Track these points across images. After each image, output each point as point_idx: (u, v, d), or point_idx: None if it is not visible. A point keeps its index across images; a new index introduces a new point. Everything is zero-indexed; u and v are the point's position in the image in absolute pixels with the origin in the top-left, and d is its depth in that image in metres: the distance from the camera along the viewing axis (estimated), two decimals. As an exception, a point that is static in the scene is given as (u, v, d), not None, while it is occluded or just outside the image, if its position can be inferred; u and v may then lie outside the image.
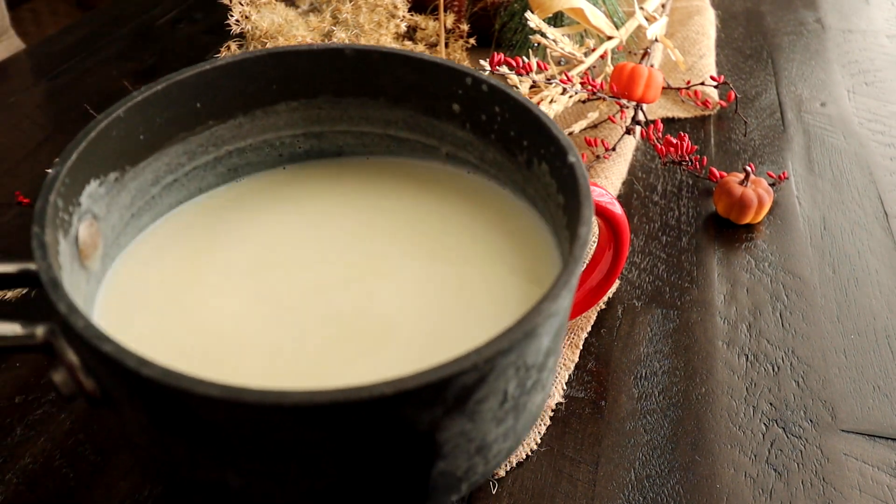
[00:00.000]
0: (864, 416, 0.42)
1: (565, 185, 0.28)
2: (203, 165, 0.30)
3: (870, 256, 0.53)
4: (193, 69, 0.30)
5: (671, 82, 0.71)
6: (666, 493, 0.39)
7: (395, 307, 0.25)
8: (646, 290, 0.51)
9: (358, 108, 0.32)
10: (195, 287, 0.25)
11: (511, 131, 0.32)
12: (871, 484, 0.39)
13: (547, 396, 0.28)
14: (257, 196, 0.28)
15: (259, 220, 0.27)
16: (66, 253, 0.26)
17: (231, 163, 0.31)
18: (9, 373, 0.47)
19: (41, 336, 0.24)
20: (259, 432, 0.21)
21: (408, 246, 0.27)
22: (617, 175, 0.61)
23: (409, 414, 0.22)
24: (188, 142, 0.30)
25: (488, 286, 0.26)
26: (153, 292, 0.26)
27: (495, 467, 0.27)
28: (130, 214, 0.29)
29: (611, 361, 0.46)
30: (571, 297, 0.25)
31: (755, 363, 0.46)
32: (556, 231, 0.30)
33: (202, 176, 0.30)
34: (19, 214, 0.61)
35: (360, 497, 0.24)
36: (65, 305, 0.22)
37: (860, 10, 0.92)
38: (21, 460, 0.42)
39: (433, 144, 0.33)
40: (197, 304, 0.25)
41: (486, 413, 0.24)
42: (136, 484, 0.40)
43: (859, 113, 0.70)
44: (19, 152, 0.70)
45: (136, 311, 0.25)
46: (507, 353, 0.22)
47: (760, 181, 0.57)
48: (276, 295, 0.25)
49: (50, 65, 0.86)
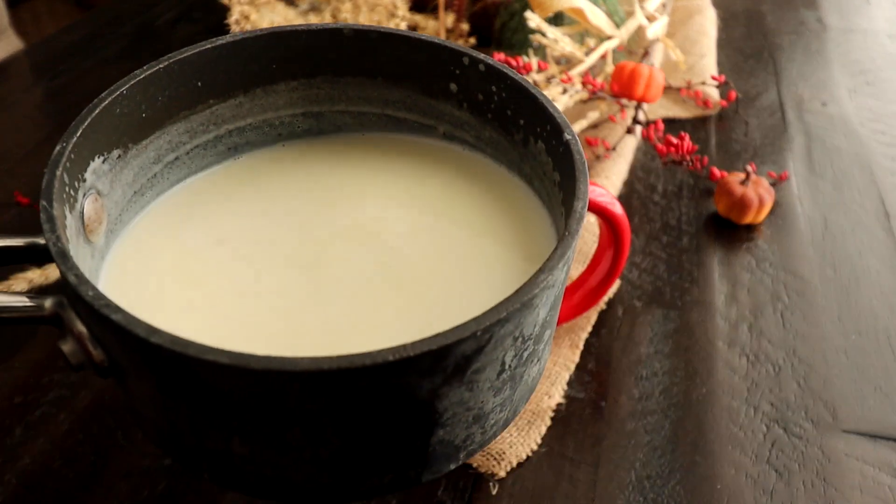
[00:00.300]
0: (865, 416, 0.42)
1: (561, 162, 0.29)
2: (204, 144, 0.31)
3: (871, 256, 0.53)
4: (195, 48, 0.30)
5: (672, 82, 0.71)
6: (666, 493, 0.39)
7: (394, 278, 0.26)
8: (646, 290, 0.51)
9: (356, 88, 0.33)
10: (198, 260, 0.26)
11: (508, 110, 0.33)
12: (872, 484, 0.39)
13: (542, 369, 0.28)
14: (257, 172, 0.29)
15: (259, 194, 0.28)
16: (72, 227, 0.26)
17: (231, 141, 0.32)
18: (8, 374, 0.47)
19: (50, 307, 0.25)
20: (265, 399, 0.22)
21: (405, 220, 0.28)
22: (617, 175, 0.61)
23: (410, 382, 0.23)
24: (189, 120, 0.31)
25: (485, 260, 0.27)
26: (157, 266, 0.27)
27: (492, 438, 0.28)
28: (133, 191, 0.30)
29: (611, 362, 0.46)
30: (567, 271, 0.26)
31: (756, 363, 0.46)
32: (551, 208, 0.31)
33: (202, 154, 0.31)
34: (19, 214, 0.61)
35: (362, 464, 0.24)
36: (74, 276, 0.23)
37: (861, 9, 0.92)
38: (20, 461, 0.42)
39: (431, 124, 0.34)
40: (201, 277, 0.26)
41: (483, 383, 0.25)
42: (136, 484, 0.40)
43: (860, 113, 0.70)
44: (19, 152, 0.70)
45: (141, 285, 0.26)
46: (505, 323, 0.23)
47: (761, 181, 0.57)
48: (277, 266, 0.26)
49: (50, 65, 0.86)
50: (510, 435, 0.41)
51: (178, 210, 0.28)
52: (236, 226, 0.27)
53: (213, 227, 0.27)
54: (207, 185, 0.30)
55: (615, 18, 0.72)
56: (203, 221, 0.28)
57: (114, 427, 0.43)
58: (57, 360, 0.47)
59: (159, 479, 0.40)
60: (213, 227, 0.27)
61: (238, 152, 0.32)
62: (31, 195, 0.58)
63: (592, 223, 0.55)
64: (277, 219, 0.27)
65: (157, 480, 0.40)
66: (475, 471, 0.40)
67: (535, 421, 0.42)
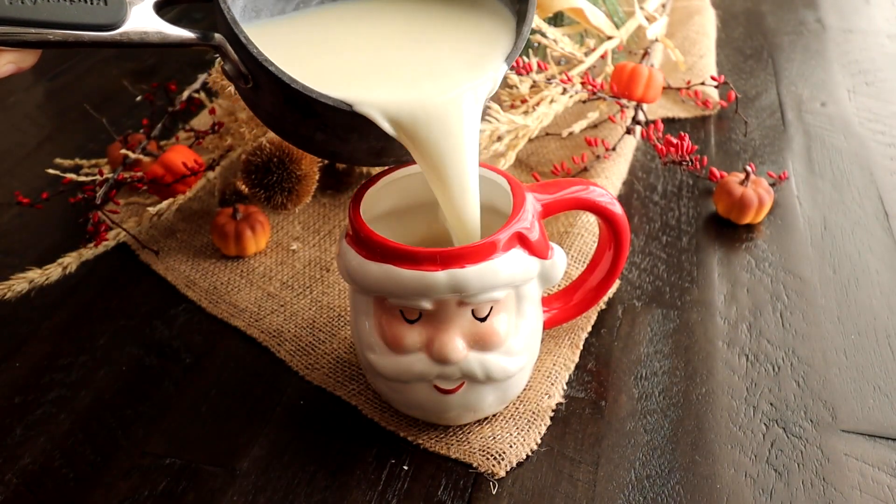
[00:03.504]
0: (864, 416, 0.42)
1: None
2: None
3: (870, 256, 0.53)
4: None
5: (671, 82, 0.71)
6: (666, 493, 0.39)
7: (409, 54, 0.40)
8: (646, 290, 0.51)
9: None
10: (307, 36, 0.41)
11: None
12: (871, 484, 0.39)
13: None
14: (341, 9, 0.43)
15: (341, 16, 0.43)
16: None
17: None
18: (8, 373, 0.47)
19: (217, 39, 0.35)
20: (340, 119, 0.36)
21: (414, 26, 0.42)
22: (617, 175, 0.61)
23: None
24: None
25: (464, 44, 0.40)
26: (287, 38, 0.41)
27: None
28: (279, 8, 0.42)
29: (611, 361, 0.46)
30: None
31: (755, 363, 0.46)
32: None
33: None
34: (19, 214, 0.61)
35: (378, 154, 0.39)
36: (244, 36, 0.34)
37: (860, 9, 0.92)
38: (21, 460, 0.42)
39: None
40: (308, 42, 0.41)
41: None
42: (136, 484, 0.40)
43: (860, 113, 0.70)
44: (19, 152, 0.70)
45: (276, 42, 0.39)
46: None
47: (761, 181, 0.57)
48: (354, 47, 0.40)
49: (50, 65, 0.86)
50: (510, 435, 0.41)
51: (298, 19, 0.43)
52: (330, 28, 0.42)
53: (319, 28, 0.42)
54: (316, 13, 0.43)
55: (615, 18, 0.72)
56: (313, 24, 0.42)
57: (114, 427, 0.43)
58: (57, 360, 0.48)
59: (159, 479, 0.40)
60: (318, 28, 0.42)
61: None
62: (32, 195, 0.58)
63: (592, 223, 0.55)
64: (351, 27, 0.42)
65: (157, 480, 0.40)
66: (475, 470, 0.40)
67: (535, 421, 0.42)
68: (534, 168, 0.64)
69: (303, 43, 0.41)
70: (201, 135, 0.60)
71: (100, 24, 0.32)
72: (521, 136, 0.59)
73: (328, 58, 0.39)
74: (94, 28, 0.32)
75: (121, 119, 0.73)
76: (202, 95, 0.63)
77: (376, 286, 0.37)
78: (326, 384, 0.45)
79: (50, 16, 0.31)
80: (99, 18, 0.32)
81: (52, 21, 0.31)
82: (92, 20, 0.32)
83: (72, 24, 0.32)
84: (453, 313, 0.37)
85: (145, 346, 0.49)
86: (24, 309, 0.51)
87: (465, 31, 0.41)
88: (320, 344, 0.48)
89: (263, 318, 0.50)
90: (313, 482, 0.40)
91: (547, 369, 0.45)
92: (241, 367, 0.47)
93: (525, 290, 0.39)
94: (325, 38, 0.41)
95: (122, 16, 0.33)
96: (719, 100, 0.71)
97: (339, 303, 0.51)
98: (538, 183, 0.43)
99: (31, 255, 0.56)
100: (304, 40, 0.41)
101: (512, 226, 0.38)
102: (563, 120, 0.69)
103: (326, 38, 0.41)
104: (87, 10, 0.32)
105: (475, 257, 0.36)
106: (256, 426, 0.43)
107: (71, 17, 0.32)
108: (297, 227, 0.58)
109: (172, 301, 0.52)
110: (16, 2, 0.30)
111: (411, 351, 0.38)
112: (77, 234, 0.56)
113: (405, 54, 0.40)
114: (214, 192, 0.60)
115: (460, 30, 0.41)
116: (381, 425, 0.43)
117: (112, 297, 0.53)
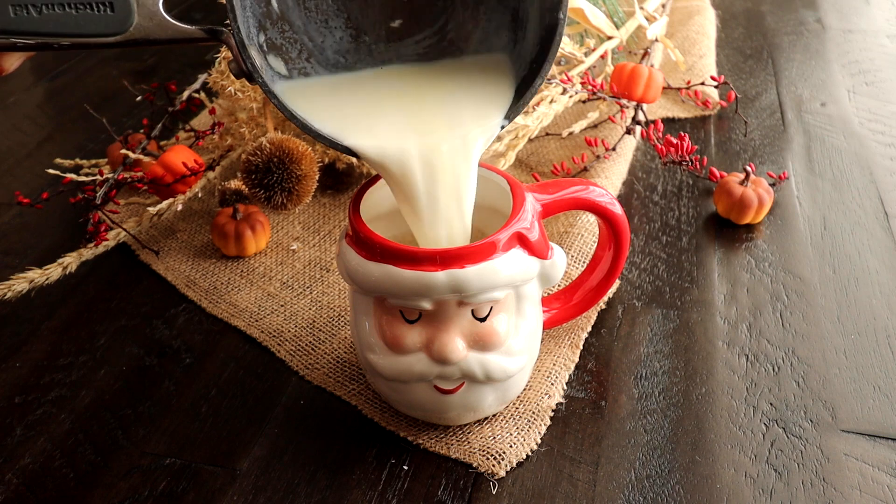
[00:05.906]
0: (864, 416, 0.42)
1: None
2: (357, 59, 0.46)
3: (870, 256, 0.53)
4: None
5: (671, 82, 0.71)
6: (666, 493, 0.39)
7: (429, 104, 0.42)
8: (646, 290, 0.51)
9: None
10: (336, 88, 0.43)
11: None
12: (871, 484, 0.39)
13: None
14: (374, 75, 0.45)
15: (372, 82, 0.44)
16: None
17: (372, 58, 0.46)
18: (8, 373, 0.47)
19: (224, 36, 0.35)
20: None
21: (432, 81, 0.44)
22: (617, 175, 0.61)
23: None
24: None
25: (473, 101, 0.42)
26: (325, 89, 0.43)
27: None
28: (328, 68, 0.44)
29: (611, 361, 0.46)
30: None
31: (755, 363, 0.46)
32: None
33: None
34: (19, 214, 0.61)
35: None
36: (249, 64, 0.36)
37: (860, 10, 0.92)
38: (21, 460, 0.42)
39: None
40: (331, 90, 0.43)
41: None
42: (136, 484, 0.40)
43: (859, 113, 0.70)
44: (19, 152, 0.70)
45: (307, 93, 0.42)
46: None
47: (760, 181, 0.57)
48: (381, 105, 0.42)
49: (50, 65, 0.86)
50: (510, 435, 0.41)
51: (331, 79, 0.44)
52: (360, 87, 0.44)
53: (346, 86, 0.44)
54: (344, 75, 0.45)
55: (615, 19, 0.72)
56: (341, 82, 0.44)
57: (114, 427, 0.43)
58: (57, 360, 0.48)
59: (159, 479, 0.40)
60: (346, 85, 0.44)
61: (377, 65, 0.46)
62: (32, 195, 0.58)
63: (592, 223, 0.55)
64: (381, 90, 0.44)
65: (157, 480, 0.40)
66: (475, 470, 0.40)
67: (534, 420, 0.42)
68: (534, 168, 0.64)
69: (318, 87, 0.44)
70: (201, 135, 0.60)
71: (106, 32, 0.32)
72: (520, 136, 0.59)
73: (335, 101, 0.43)
74: (100, 36, 0.32)
75: (121, 119, 0.73)
76: (202, 95, 0.63)
77: (376, 286, 0.37)
78: (326, 384, 0.45)
79: (56, 27, 0.31)
80: (105, 28, 0.32)
81: (58, 32, 0.31)
82: (99, 29, 0.31)
83: (78, 34, 0.31)
84: (453, 313, 0.37)
85: (145, 346, 0.49)
86: (24, 309, 0.51)
87: (466, 92, 0.43)
88: (320, 344, 0.48)
89: (263, 318, 0.50)
90: (313, 482, 0.40)
91: (547, 369, 0.45)
92: (241, 367, 0.47)
93: (525, 290, 0.39)
94: (339, 89, 0.44)
95: (129, 24, 0.32)
96: (719, 100, 0.71)
97: (339, 303, 0.51)
98: (538, 183, 0.43)
99: (31, 255, 0.56)
100: (321, 89, 0.44)
101: (512, 226, 0.38)
102: (563, 120, 0.69)
103: (341, 89, 0.44)
104: (93, 19, 0.31)
105: (475, 257, 0.36)
106: (256, 426, 0.43)
107: (77, 28, 0.31)
108: (297, 227, 0.58)
109: (172, 301, 0.52)
110: (20, 13, 0.30)
111: (411, 351, 0.38)
112: (77, 234, 0.56)
113: (408, 109, 0.43)
114: (214, 192, 0.60)
115: (463, 91, 0.43)
116: (381, 425, 0.43)
117: (112, 297, 0.53)
